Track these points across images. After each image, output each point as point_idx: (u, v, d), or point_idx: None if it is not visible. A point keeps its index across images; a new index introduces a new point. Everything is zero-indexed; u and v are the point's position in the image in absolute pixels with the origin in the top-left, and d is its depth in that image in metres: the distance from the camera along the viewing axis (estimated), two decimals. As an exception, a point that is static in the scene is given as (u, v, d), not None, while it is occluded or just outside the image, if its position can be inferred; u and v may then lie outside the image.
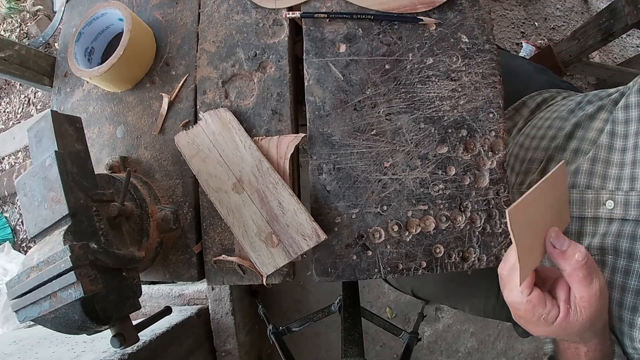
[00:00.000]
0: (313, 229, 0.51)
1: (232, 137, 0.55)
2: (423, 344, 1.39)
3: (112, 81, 0.63)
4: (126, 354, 0.83)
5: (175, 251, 0.59)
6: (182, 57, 0.63)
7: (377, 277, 0.52)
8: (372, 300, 1.44)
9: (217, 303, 1.20)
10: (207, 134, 0.56)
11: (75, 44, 0.63)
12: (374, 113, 0.54)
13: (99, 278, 0.41)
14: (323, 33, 0.57)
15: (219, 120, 0.56)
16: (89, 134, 0.66)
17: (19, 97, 2.10)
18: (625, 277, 0.50)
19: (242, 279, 0.56)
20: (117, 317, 0.44)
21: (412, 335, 0.96)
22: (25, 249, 1.92)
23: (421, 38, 0.54)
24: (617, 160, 0.54)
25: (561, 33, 1.68)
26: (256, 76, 0.59)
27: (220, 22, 0.62)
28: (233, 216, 0.54)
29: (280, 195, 0.52)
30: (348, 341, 0.69)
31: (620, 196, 0.52)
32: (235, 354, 1.21)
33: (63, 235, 0.42)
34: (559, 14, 1.70)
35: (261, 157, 0.54)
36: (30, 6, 2.02)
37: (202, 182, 0.56)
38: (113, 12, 0.62)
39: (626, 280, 0.50)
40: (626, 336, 0.50)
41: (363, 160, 0.54)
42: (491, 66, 0.53)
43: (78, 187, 0.45)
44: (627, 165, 0.53)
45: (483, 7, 0.55)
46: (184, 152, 0.57)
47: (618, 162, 0.54)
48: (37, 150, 0.47)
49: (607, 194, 0.53)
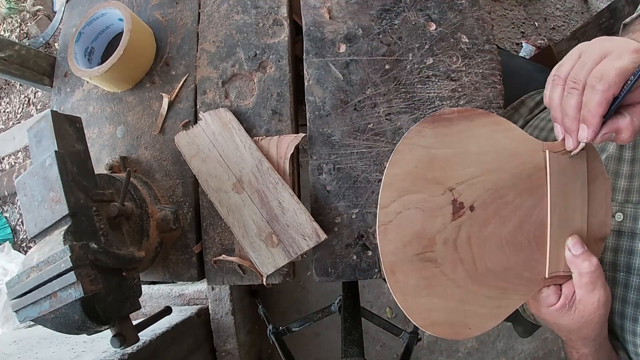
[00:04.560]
0: (313, 229, 0.51)
1: (232, 137, 0.55)
2: (423, 344, 1.39)
3: (112, 81, 0.63)
4: (126, 354, 0.83)
5: (175, 251, 0.59)
6: (182, 57, 0.63)
7: (377, 277, 0.52)
8: (372, 300, 1.44)
9: (217, 303, 1.20)
10: (207, 134, 0.56)
11: (75, 44, 0.63)
12: (374, 113, 0.54)
13: (99, 278, 0.41)
14: (323, 33, 0.57)
15: (219, 120, 0.56)
16: (89, 134, 0.66)
17: (19, 97, 2.10)
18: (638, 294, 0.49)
19: (242, 279, 0.56)
20: (117, 317, 0.44)
21: (412, 335, 0.96)
22: (25, 249, 1.92)
23: (421, 38, 0.54)
24: (626, 171, 0.53)
25: (561, 33, 1.68)
26: (256, 76, 0.59)
27: (220, 22, 0.62)
28: (233, 216, 0.54)
29: (280, 195, 0.52)
30: (348, 341, 0.69)
31: (630, 209, 0.51)
32: (235, 354, 1.21)
33: (63, 235, 0.41)
34: (559, 14, 1.70)
35: (261, 157, 0.54)
36: (30, 6, 2.02)
37: (202, 182, 0.56)
38: (113, 12, 0.62)
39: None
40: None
41: (363, 160, 0.54)
42: (491, 66, 0.53)
43: (78, 187, 0.45)
44: (636, 176, 0.51)
45: (483, 7, 0.55)
46: (184, 152, 0.57)
47: (627, 174, 0.52)
48: (37, 150, 0.47)
49: (617, 206, 0.52)
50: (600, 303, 0.43)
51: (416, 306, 0.43)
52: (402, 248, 0.43)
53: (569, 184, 0.45)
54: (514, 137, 0.45)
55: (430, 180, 0.44)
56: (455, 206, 0.44)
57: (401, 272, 0.43)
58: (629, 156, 0.53)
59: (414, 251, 0.43)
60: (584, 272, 0.43)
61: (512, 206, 0.44)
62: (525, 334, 0.84)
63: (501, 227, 0.44)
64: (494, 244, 0.44)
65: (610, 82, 0.37)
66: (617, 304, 0.50)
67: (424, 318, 0.43)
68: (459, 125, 0.45)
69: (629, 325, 0.49)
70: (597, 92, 0.38)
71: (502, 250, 0.44)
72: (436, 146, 0.44)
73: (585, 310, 0.44)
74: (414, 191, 0.43)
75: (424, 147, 0.44)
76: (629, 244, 0.51)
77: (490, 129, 0.45)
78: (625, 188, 0.52)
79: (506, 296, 0.44)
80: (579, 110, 0.40)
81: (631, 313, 0.49)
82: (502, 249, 0.44)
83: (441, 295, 0.43)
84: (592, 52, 0.40)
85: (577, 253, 0.44)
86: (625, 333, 0.50)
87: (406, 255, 0.43)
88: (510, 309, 0.45)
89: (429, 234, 0.43)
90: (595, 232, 0.46)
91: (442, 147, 0.44)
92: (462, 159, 0.44)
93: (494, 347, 1.37)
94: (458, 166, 0.44)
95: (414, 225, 0.43)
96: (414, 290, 0.43)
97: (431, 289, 0.43)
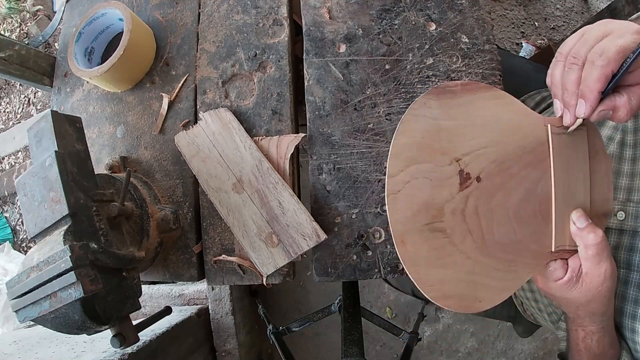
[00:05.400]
0: (313, 229, 0.51)
1: (232, 137, 0.55)
2: (423, 344, 1.39)
3: (112, 81, 0.63)
4: (126, 354, 0.83)
5: (175, 251, 0.59)
6: (182, 57, 0.63)
7: (377, 277, 0.52)
8: (372, 300, 1.44)
9: (217, 303, 1.20)
10: (207, 134, 0.56)
11: (75, 44, 0.63)
12: (374, 113, 0.54)
13: (99, 278, 0.41)
14: (323, 33, 0.57)
15: (219, 120, 0.56)
16: (89, 134, 0.66)
17: (19, 97, 2.10)
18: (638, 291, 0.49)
19: (242, 279, 0.56)
20: (117, 317, 0.44)
21: (412, 335, 0.96)
22: (25, 249, 1.92)
23: (421, 38, 0.54)
24: (627, 170, 0.53)
25: (561, 33, 1.68)
26: (256, 76, 0.59)
27: (220, 22, 0.62)
28: (233, 216, 0.54)
29: (280, 195, 0.52)
30: (348, 341, 0.69)
31: (632, 208, 0.51)
32: (235, 354, 1.21)
33: (63, 235, 0.41)
34: (559, 14, 1.70)
35: (261, 157, 0.54)
36: (30, 6, 2.02)
37: (202, 182, 0.56)
38: (113, 12, 0.62)
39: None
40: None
41: (363, 160, 0.54)
42: (491, 66, 0.53)
43: (78, 187, 0.45)
44: (637, 175, 0.52)
45: (483, 7, 0.55)
46: (184, 152, 0.57)
47: (629, 173, 0.53)
48: (37, 150, 0.47)
49: (618, 205, 0.52)
50: (607, 275, 0.43)
51: (428, 277, 0.43)
52: (411, 217, 0.43)
53: (571, 158, 0.46)
54: (516, 111, 0.46)
55: (437, 151, 0.44)
56: (462, 177, 0.44)
57: (411, 243, 0.43)
58: (630, 155, 0.53)
59: (423, 221, 0.43)
60: (589, 244, 0.43)
61: (518, 178, 0.45)
62: (525, 334, 0.84)
63: (508, 198, 0.44)
64: (502, 216, 0.44)
65: (610, 57, 0.38)
66: (616, 301, 0.50)
67: (436, 290, 0.43)
68: (463, 97, 0.45)
69: (628, 322, 0.49)
70: (597, 67, 0.39)
71: (509, 222, 0.45)
72: (442, 117, 0.45)
73: (593, 282, 0.44)
74: (421, 161, 0.44)
75: (430, 117, 0.44)
76: (630, 242, 0.51)
77: (493, 102, 0.46)
78: (627, 186, 0.52)
79: (514, 269, 0.45)
80: (578, 85, 0.41)
81: (630, 310, 0.49)
82: (509, 221, 0.45)
83: (452, 267, 0.43)
84: (594, 31, 0.40)
85: (582, 226, 0.44)
86: (624, 330, 0.50)
87: (415, 225, 0.43)
88: (518, 282, 0.46)
89: (437, 204, 0.43)
90: (598, 208, 0.47)
91: (447, 119, 0.45)
92: (467, 130, 0.45)
93: (494, 347, 1.37)
94: (464, 137, 0.45)
95: (422, 194, 0.43)
96: (425, 261, 0.43)
97: (442, 260, 0.43)
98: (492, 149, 0.45)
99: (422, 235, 0.43)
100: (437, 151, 0.44)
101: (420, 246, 0.43)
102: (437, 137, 0.44)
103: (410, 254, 0.43)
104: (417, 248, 0.43)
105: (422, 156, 0.44)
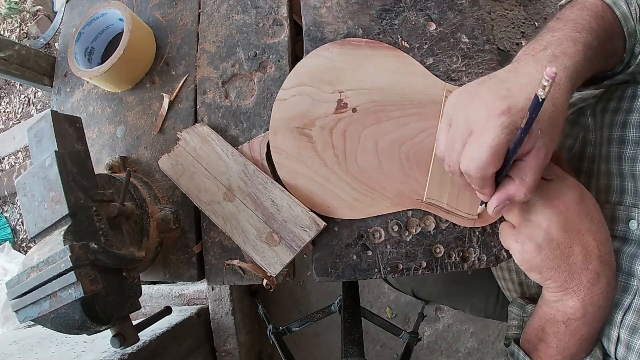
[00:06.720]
0: (311, 218, 0.50)
1: (213, 148, 0.56)
2: (423, 344, 1.39)
3: (112, 81, 0.63)
4: (126, 354, 0.83)
5: (175, 251, 0.59)
6: (182, 57, 0.63)
7: (377, 277, 0.52)
8: (372, 300, 1.44)
9: (217, 303, 1.20)
10: (188, 151, 0.57)
11: (75, 44, 0.63)
12: (374, 113, 0.54)
13: (99, 278, 0.41)
14: (323, 33, 0.57)
15: (197, 136, 0.57)
16: (89, 134, 0.66)
17: (19, 97, 2.10)
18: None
19: (242, 279, 0.56)
20: (117, 317, 0.44)
21: (412, 335, 0.96)
22: (25, 249, 1.92)
23: (421, 38, 0.54)
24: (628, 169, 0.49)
25: (561, 33, 1.67)
26: (256, 76, 0.59)
27: (220, 22, 0.62)
28: (230, 224, 0.54)
29: (271, 194, 0.52)
30: (348, 341, 0.69)
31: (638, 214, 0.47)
32: (235, 354, 1.21)
33: (63, 235, 0.41)
34: (559, 14, 1.70)
35: (245, 161, 0.54)
36: (30, 6, 2.02)
37: (193, 199, 0.56)
38: (113, 12, 0.62)
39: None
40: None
41: (363, 160, 0.54)
42: (491, 66, 0.53)
43: (78, 187, 0.45)
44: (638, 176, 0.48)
45: (483, 7, 0.55)
46: (170, 174, 0.57)
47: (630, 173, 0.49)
48: (37, 150, 0.47)
49: (626, 212, 0.48)
50: (576, 188, 0.41)
51: (286, 164, 0.53)
52: (287, 120, 0.53)
53: None
54: (416, 71, 0.52)
55: (324, 81, 0.53)
56: (340, 104, 0.52)
57: (281, 136, 0.53)
58: (630, 154, 0.49)
59: (294, 124, 0.53)
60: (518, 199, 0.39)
61: (395, 122, 0.51)
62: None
63: (378, 134, 0.51)
64: (369, 146, 0.51)
65: (482, 166, 0.36)
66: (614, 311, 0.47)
67: (291, 177, 0.52)
68: (364, 51, 0.53)
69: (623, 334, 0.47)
70: (475, 178, 0.38)
71: (374, 154, 0.51)
72: (338, 60, 0.53)
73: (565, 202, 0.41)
74: (309, 84, 0.53)
75: (328, 58, 0.53)
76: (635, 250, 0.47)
77: (392, 60, 0.53)
78: (633, 190, 0.48)
79: (371, 196, 0.51)
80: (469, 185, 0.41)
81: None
82: (375, 154, 0.51)
83: (309, 166, 0.52)
84: (459, 127, 0.39)
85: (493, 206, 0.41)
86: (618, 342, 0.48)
87: (288, 126, 0.53)
88: (372, 210, 0.51)
89: (311, 117, 0.53)
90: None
91: (342, 62, 0.53)
92: (356, 74, 0.53)
93: (494, 347, 1.37)
94: (352, 78, 0.53)
95: (301, 107, 0.53)
96: (287, 152, 0.52)
97: (302, 157, 0.52)
98: (376, 92, 0.52)
99: (291, 134, 0.53)
100: (325, 82, 0.53)
101: (288, 140, 0.53)
102: (327, 72, 0.53)
103: (278, 142, 0.53)
104: (285, 141, 0.53)
105: (311, 81, 0.53)
